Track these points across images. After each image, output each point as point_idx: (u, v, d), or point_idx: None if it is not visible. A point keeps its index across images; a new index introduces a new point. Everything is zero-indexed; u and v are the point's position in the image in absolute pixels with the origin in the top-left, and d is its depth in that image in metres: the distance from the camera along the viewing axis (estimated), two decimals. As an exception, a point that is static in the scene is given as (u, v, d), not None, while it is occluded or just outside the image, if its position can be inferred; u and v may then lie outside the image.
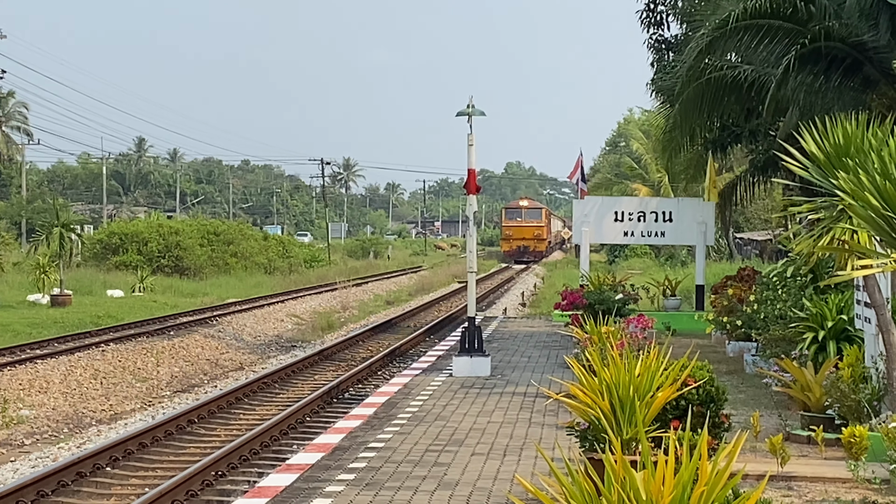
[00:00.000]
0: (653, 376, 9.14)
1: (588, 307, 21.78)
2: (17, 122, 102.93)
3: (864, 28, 19.53)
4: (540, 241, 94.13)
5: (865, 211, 8.94)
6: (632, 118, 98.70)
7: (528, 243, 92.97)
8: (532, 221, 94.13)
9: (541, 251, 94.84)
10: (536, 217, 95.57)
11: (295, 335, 36.96)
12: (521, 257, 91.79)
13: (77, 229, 47.46)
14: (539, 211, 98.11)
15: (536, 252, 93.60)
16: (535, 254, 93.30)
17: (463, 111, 19.30)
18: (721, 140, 27.40)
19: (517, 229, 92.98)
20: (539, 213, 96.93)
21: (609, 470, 5.41)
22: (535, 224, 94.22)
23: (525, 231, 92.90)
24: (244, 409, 21.04)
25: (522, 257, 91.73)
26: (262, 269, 66.14)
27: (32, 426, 20.46)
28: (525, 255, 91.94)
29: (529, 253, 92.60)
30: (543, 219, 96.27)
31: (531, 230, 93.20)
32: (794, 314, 16.88)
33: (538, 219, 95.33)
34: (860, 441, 10.62)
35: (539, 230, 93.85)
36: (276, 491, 10.69)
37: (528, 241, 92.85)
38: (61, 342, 29.68)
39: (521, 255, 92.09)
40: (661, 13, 28.66)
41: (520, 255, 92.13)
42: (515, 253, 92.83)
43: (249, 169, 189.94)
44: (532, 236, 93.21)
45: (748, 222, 65.24)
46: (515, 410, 15.33)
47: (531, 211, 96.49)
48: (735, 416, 13.77)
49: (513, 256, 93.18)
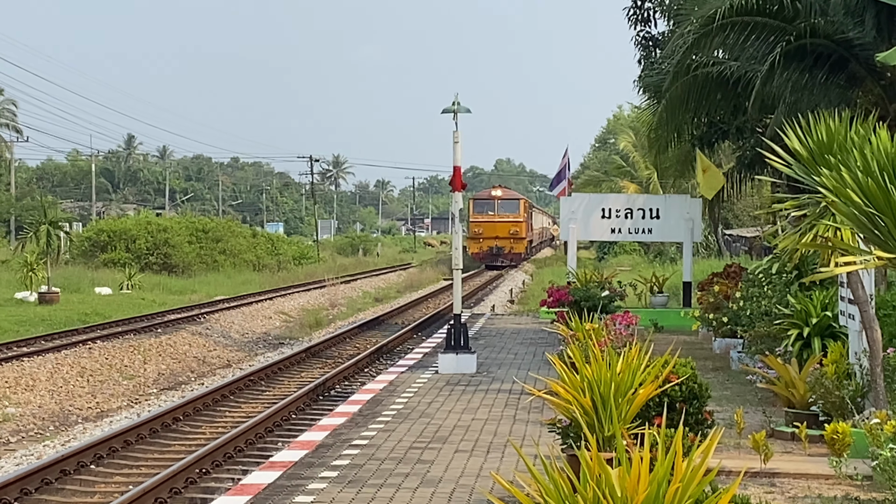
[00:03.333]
0: (634, 373, 9.12)
1: (574, 304, 21.79)
2: (5, 119, 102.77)
3: (850, 25, 19.53)
4: (517, 240, 74.84)
5: (848, 208, 8.92)
6: (621, 115, 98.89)
7: (503, 243, 73.96)
8: (507, 216, 74.59)
9: (519, 253, 75.71)
10: (513, 210, 75.65)
11: (283, 332, 36.94)
12: (494, 261, 73.29)
13: (65, 227, 47.41)
14: (516, 203, 77.34)
15: (513, 254, 74.85)
16: (511, 256, 74.61)
17: (448, 108, 19.29)
18: (708, 137, 27.35)
19: (488, 226, 73.19)
20: (516, 206, 76.51)
21: (584, 467, 5.39)
22: (512, 219, 74.67)
23: (498, 228, 73.69)
24: (230, 406, 21.01)
25: (495, 261, 73.34)
26: (251, 266, 66.08)
27: (18, 424, 20.40)
28: (499, 259, 73.77)
29: (504, 255, 74.15)
30: (522, 212, 76.19)
31: (506, 227, 73.93)
32: (779, 311, 16.89)
33: (515, 212, 75.46)
34: (843, 438, 10.63)
35: (516, 226, 74.60)
36: (258, 488, 10.66)
37: (502, 241, 73.91)
38: (48, 340, 29.61)
39: (493, 257, 73.78)
40: (649, 10, 28.64)
41: (492, 257, 73.71)
42: (486, 256, 73.95)
43: (239, 166, 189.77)
44: (507, 234, 74.03)
45: (737, 219, 65.31)
46: (500, 407, 15.32)
47: (506, 203, 76.20)
48: (720, 412, 13.80)
49: (483, 260, 74.32)
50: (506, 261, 73.70)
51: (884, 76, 19.67)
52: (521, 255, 76.11)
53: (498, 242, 73.72)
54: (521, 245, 75.78)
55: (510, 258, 74.35)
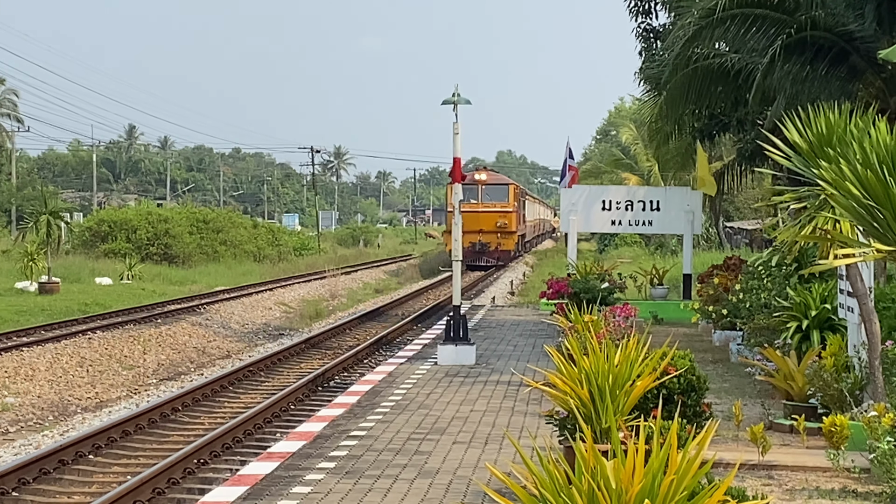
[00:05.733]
0: (632, 365, 9.11)
1: (573, 296, 21.78)
2: (6, 109, 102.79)
3: (850, 17, 19.53)
4: (506, 234, 60.57)
5: (847, 200, 8.93)
6: (622, 106, 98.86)
7: (488, 238, 59.40)
8: (493, 205, 60.08)
9: (507, 250, 61.48)
10: (500, 197, 60.88)
11: (283, 323, 36.95)
12: (477, 260, 59.03)
13: (66, 217, 47.42)
14: (504, 189, 61.86)
15: (500, 252, 60.65)
16: (497, 254, 60.43)
17: (448, 100, 19.27)
18: (709, 129, 27.37)
19: (470, 217, 53.29)
20: (504, 192, 61.48)
21: (579, 458, 5.38)
22: (499, 209, 60.30)
23: (482, 219, 58.40)
24: (229, 397, 21.01)
25: (478, 259, 59.17)
26: (252, 257, 66.11)
27: (17, 413, 20.41)
28: (483, 257, 59.52)
29: (489, 253, 59.78)
30: (511, 200, 61.42)
31: (492, 218, 59.45)
32: (778, 303, 16.87)
33: (503, 200, 60.91)
34: (841, 430, 10.63)
35: (504, 217, 60.41)
36: (255, 479, 10.66)
37: (486, 235, 59.38)
38: (48, 330, 29.61)
39: (475, 255, 58.72)
40: (650, 2, 28.63)
41: (474, 255, 58.38)
42: (467, 253, 55.01)
43: (240, 157, 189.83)
44: (493, 227, 59.60)
45: (738, 211, 65.36)
46: (499, 399, 15.32)
47: (492, 189, 60.71)
48: (719, 404, 13.80)
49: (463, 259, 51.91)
50: (491, 259, 59.84)
51: (884, 69, 19.66)
52: (510, 254, 62.25)
53: (482, 237, 59.02)
54: (511, 241, 61.28)
55: (497, 256, 60.37)
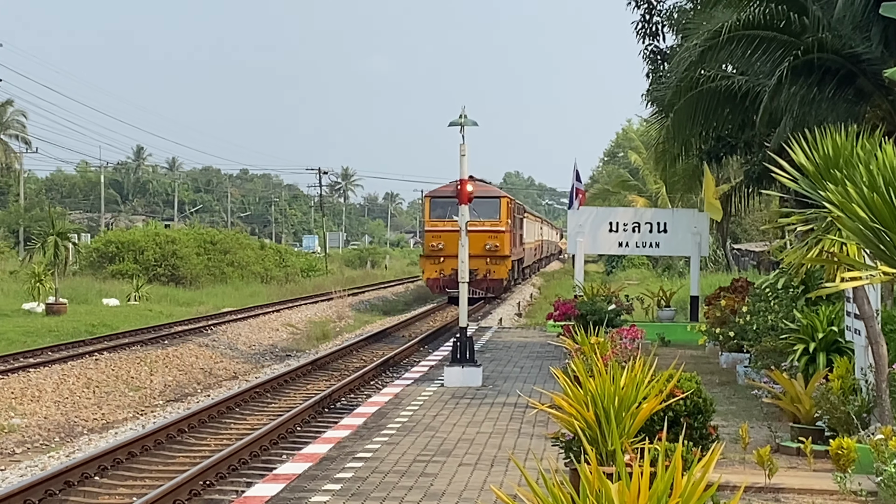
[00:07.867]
0: (638, 387, 9.09)
1: (580, 317, 21.77)
2: (15, 130, 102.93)
3: (857, 40, 19.53)
4: (497, 259, 49.55)
5: (853, 223, 8.93)
6: (630, 128, 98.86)
7: (475, 265, 44.15)
8: (482, 223, 48.05)
9: (499, 279, 49.91)
10: (489, 214, 49.51)
11: (290, 344, 36.93)
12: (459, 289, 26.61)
13: (73, 238, 47.45)
14: (494, 203, 50.06)
15: (490, 281, 49.30)
16: (486, 283, 49.09)
17: (455, 121, 19.30)
18: (716, 151, 27.38)
19: (450, 237, 44.75)
20: (494, 207, 49.96)
21: (584, 481, 5.37)
22: (489, 227, 49.10)
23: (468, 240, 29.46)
24: (235, 418, 21.00)
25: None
26: (259, 278, 66.08)
27: (23, 435, 20.40)
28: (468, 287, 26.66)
29: (476, 283, 46.89)
30: (503, 217, 50.17)
31: (479, 239, 47.16)
32: (785, 326, 16.85)
33: (493, 217, 49.68)
34: (848, 453, 10.59)
35: (494, 239, 49.34)
36: (261, 501, 10.65)
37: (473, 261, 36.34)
38: (55, 351, 29.64)
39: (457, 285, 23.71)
40: (657, 24, 28.72)
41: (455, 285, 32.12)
42: (447, 282, 47.03)
43: (248, 178, 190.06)
44: (481, 250, 47.99)
45: (745, 233, 65.28)
46: (505, 421, 15.29)
47: (480, 203, 45.77)
48: (726, 427, 13.76)
49: (440, 287, 48.98)
50: (479, 290, 48.22)
51: (892, 91, 19.64)
52: (501, 283, 50.72)
53: None
54: (503, 267, 50.05)
55: (485, 286, 49.18)
